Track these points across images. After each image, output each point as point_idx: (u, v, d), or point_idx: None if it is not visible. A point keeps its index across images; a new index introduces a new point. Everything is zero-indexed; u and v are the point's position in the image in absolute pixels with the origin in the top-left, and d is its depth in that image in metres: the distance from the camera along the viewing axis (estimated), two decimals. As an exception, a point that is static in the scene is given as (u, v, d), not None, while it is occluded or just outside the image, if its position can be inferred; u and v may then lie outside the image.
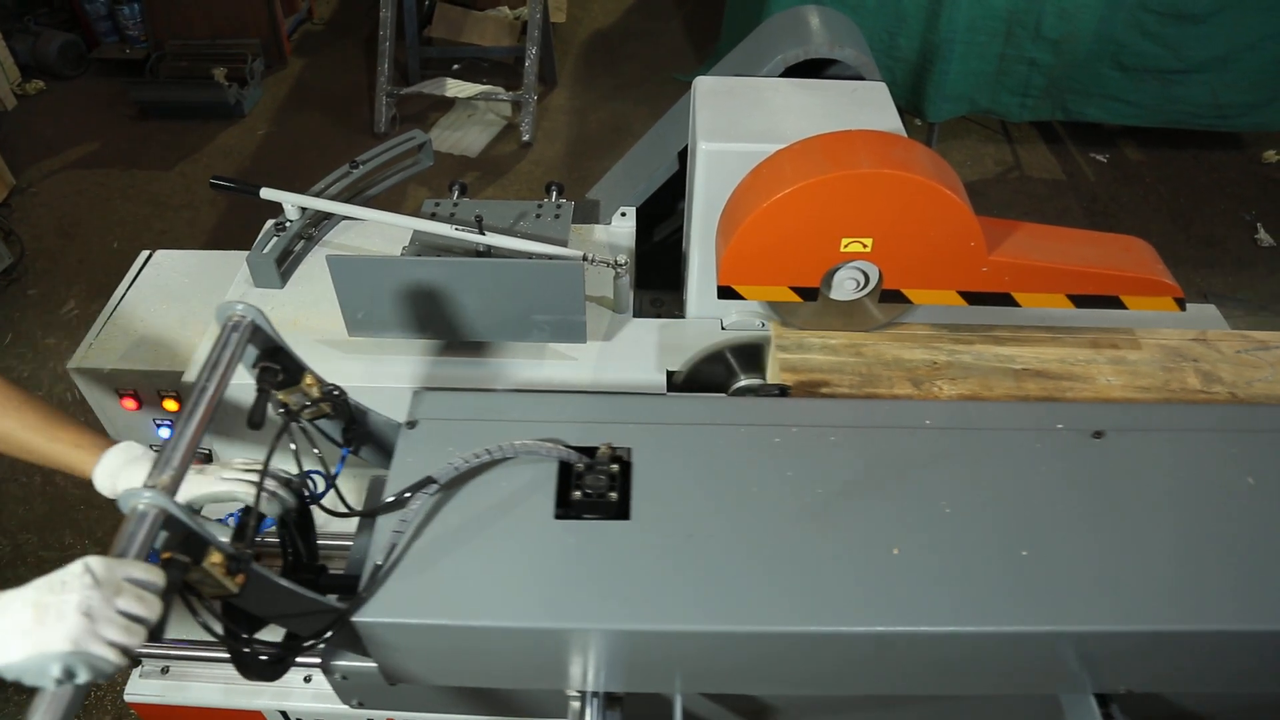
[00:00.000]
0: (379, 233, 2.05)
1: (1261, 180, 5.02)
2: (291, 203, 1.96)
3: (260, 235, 1.97)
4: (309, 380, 1.30)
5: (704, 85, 1.82)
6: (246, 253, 1.94)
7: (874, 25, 4.76)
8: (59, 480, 3.20)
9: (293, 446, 1.26)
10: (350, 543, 1.38)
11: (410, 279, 1.68)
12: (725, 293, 1.63)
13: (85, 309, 4.13)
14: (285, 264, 1.96)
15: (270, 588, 1.12)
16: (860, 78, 1.92)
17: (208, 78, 5.53)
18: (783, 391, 1.56)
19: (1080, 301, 1.64)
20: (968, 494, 1.29)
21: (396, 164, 2.23)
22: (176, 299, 1.99)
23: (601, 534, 1.23)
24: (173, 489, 1.06)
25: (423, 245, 1.85)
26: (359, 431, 1.43)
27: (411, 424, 1.39)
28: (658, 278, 2.22)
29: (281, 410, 1.29)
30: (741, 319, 1.85)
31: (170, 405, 1.87)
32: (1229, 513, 1.28)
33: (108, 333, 1.92)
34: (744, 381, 1.82)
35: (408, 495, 1.26)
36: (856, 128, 1.57)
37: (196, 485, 1.28)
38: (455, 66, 6.07)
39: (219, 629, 1.11)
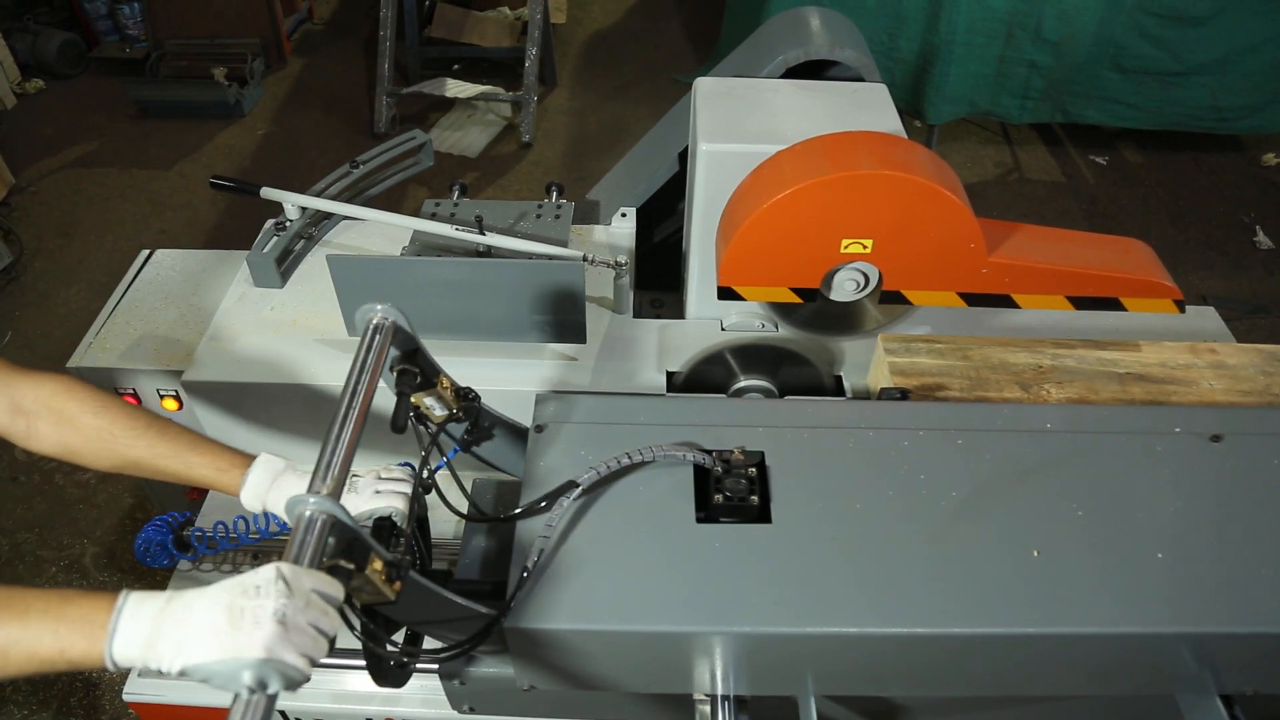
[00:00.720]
0: (379, 233, 2.05)
1: (1260, 183, 5.03)
2: (291, 202, 1.96)
3: (260, 235, 1.97)
4: (444, 383, 1.30)
5: (704, 86, 1.82)
6: (246, 252, 1.94)
7: (874, 27, 4.76)
8: (58, 479, 3.20)
9: (424, 454, 1.26)
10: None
11: (410, 279, 1.68)
12: (725, 293, 1.63)
13: (85, 308, 4.13)
14: (285, 263, 1.96)
15: (425, 594, 1.11)
16: (860, 79, 1.93)
17: (208, 77, 5.53)
18: (904, 395, 1.56)
19: (1079, 303, 1.64)
20: (1096, 497, 1.30)
21: (396, 164, 2.23)
22: (176, 298, 1.99)
23: (744, 537, 1.23)
24: (336, 495, 1.06)
25: (423, 245, 1.85)
26: (480, 434, 1.42)
27: (540, 428, 1.39)
28: (658, 278, 2.22)
29: (417, 419, 1.28)
30: (741, 320, 1.85)
31: (170, 404, 1.87)
32: None
33: (107, 331, 1.92)
34: (744, 382, 1.82)
35: (550, 500, 1.25)
36: (857, 129, 1.58)
37: (353, 502, 1.26)
38: (455, 67, 6.07)
39: (361, 635, 1.10)
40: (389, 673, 1.19)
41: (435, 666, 1.32)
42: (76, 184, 4.98)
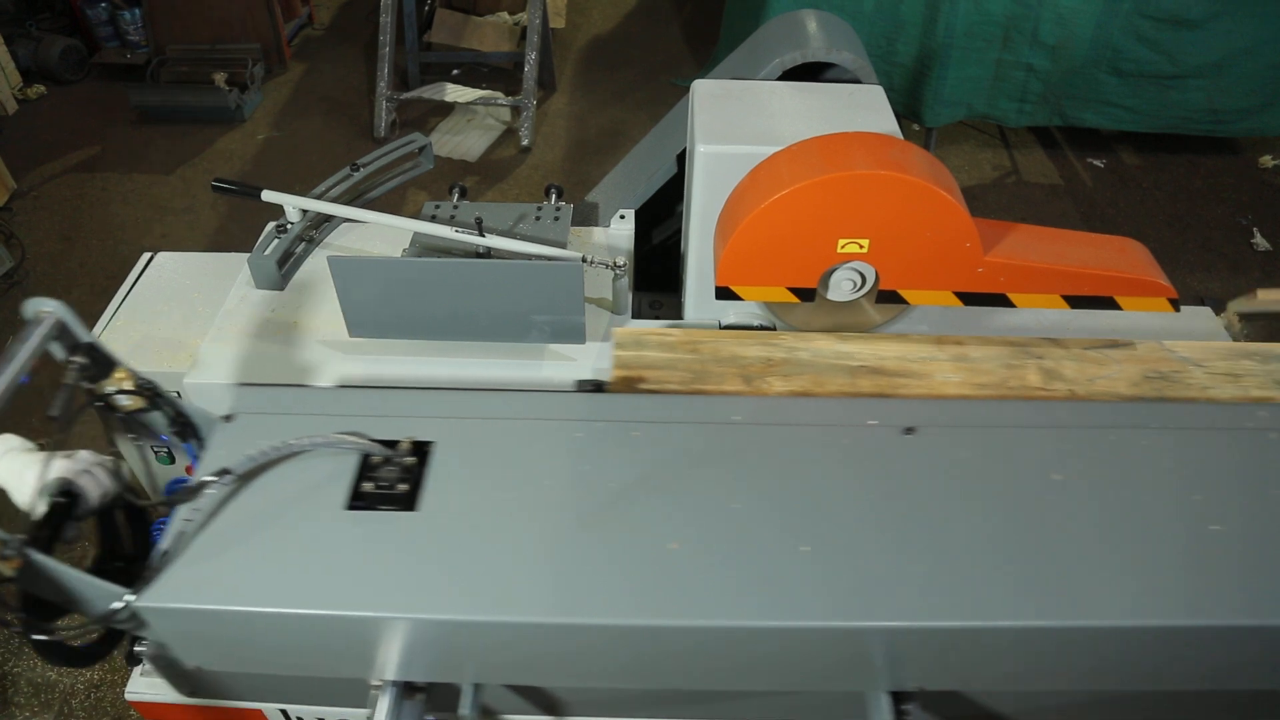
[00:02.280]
0: (379, 235, 2.07)
1: (1258, 185, 5.04)
2: (292, 205, 1.97)
3: (261, 237, 1.98)
4: (121, 374, 1.33)
5: (702, 88, 1.84)
6: (248, 255, 1.95)
7: (872, 31, 4.78)
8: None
9: (110, 440, 1.29)
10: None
11: (411, 280, 1.69)
12: (723, 294, 1.64)
13: (87, 311, 4.13)
14: (286, 266, 1.97)
15: (45, 572, 1.13)
16: (857, 81, 1.94)
17: (208, 82, 5.55)
18: (597, 387, 1.56)
19: (1075, 302, 1.66)
20: (759, 489, 1.29)
21: (396, 167, 2.24)
22: (178, 300, 2.01)
23: (388, 524, 1.25)
24: None
25: (423, 247, 1.86)
26: (188, 426, 1.44)
27: (228, 418, 1.41)
28: (657, 280, 2.23)
29: (95, 401, 1.32)
30: (739, 320, 1.86)
31: (172, 406, 1.88)
32: (1027, 509, 1.27)
33: (109, 334, 1.93)
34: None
35: (202, 486, 1.27)
36: (853, 130, 1.59)
37: (28, 477, 1.25)
38: (455, 71, 6.09)
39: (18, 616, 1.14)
40: (57, 651, 1.21)
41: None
42: (78, 189, 4.99)
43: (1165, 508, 1.28)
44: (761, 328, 1.83)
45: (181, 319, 1.95)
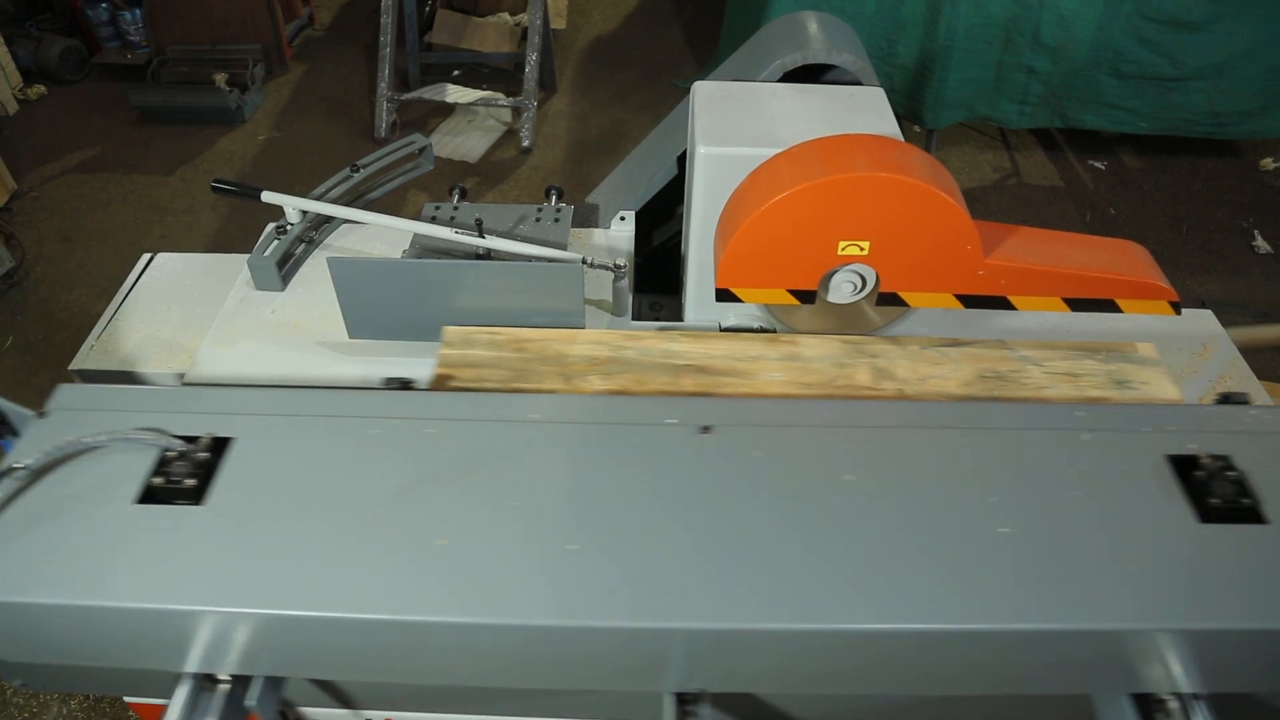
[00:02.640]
0: (379, 236, 2.06)
1: (1259, 187, 5.04)
2: (292, 206, 1.97)
3: (261, 238, 1.98)
4: None
5: (703, 90, 1.84)
6: (247, 255, 1.95)
7: (873, 32, 4.78)
8: None
9: None
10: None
11: (411, 281, 1.69)
12: (723, 295, 1.64)
13: (86, 312, 4.14)
14: (286, 267, 1.97)
15: None
16: (858, 83, 1.94)
17: (209, 83, 5.55)
18: (405, 385, 1.56)
19: (1076, 305, 1.65)
20: (540, 487, 1.28)
21: (397, 168, 2.24)
22: (178, 301, 2.01)
23: (174, 519, 1.25)
24: None
25: (423, 248, 1.86)
26: (3, 423, 1.42)
27: (42, 414, 1.40)
28: (657, 281, 2.23)
29: None
30: (740, 322, 1.86)
31: (171, 407, 1.87)
32: (808, 510, 1.25)
33: (109, 335, 1.93)
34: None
35: None
36: (854, 132, 1.59)
37: None
38: (456, 72, 6.09)
39: None
40: None
41: None
42: (78, 189, 5.00)
43: (955, 509, 1.25)
44: (762, 330, 1.83)
45: (181, 320, 1.95)
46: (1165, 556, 1.20)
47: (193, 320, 1.95)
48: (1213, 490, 1.27)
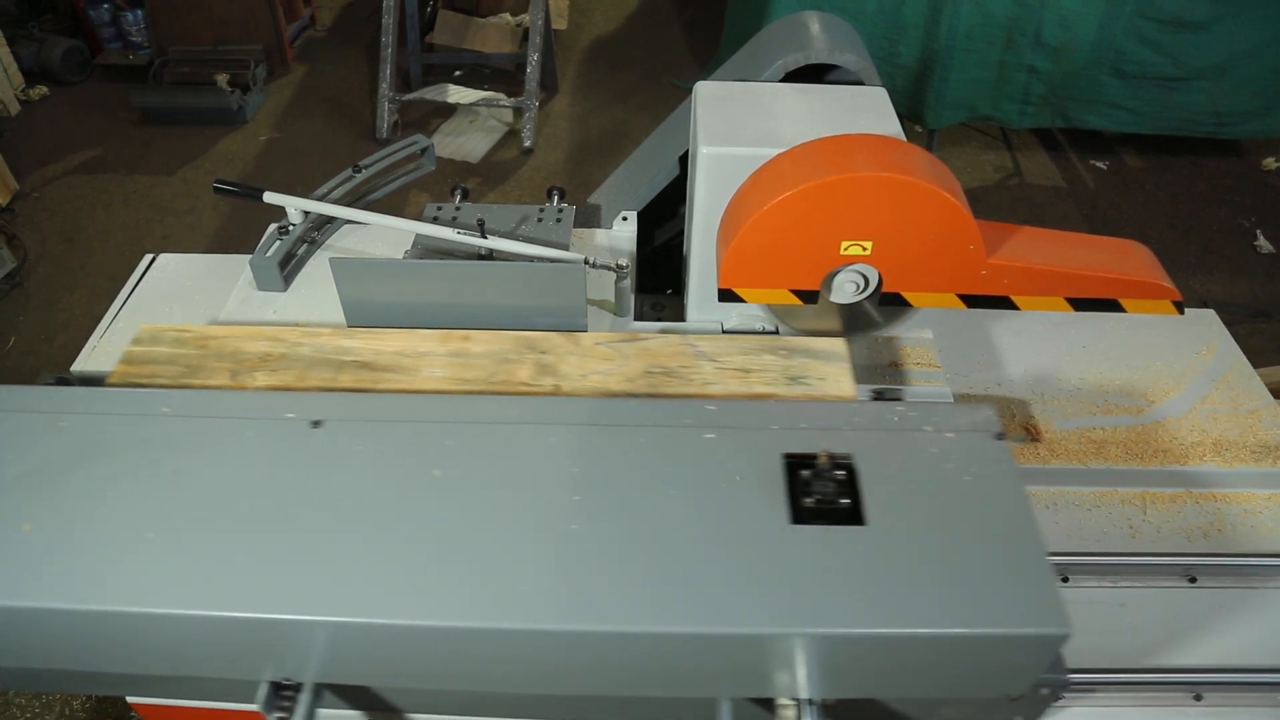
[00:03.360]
0: (381, 237, 2.06)
1: (1260, 187, 5.04)
2: (294, 206, 1.97)
3: (263, 239, 1.98)
4: None
5: (705, 90, 1.83)
6: (249, 256, 1.95)
7: (874, 32, 4.78)
8: None
9: None
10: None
11: (413, 281, 1.69)
12: (726, 296, 1.64)
13: (88, 313, 4.14)
14: (288, 267, 1.97)
15: None
16: (860, 83, 1.94)
17: (210, 83, 5.56)
18: (61, 380, 1.57)
19: (1079, 304, 1.65)
20: (128, 479, 1.30)
21: (399, 169, 2.24)
22: (180, 302, 2.01)
23: None
24: None
25: (425, 249, 1.86)
26: None
27: None
28: (659, 282, 2.23)
29: None
30: (742, 322, 1.85)
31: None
32: (393, 505, 1.26)
33: (111, 335, 1.93)
34: None
35: None
36: (856, 132, 1.59)
37: None
38: (457, 73, 6.10)
39: None
40: None
41: None
42: (80, 190, 5.00)
43: (531, 506, 1.26)
44: (764, 330, 1.83)
45: (183, 320, 1.95)
46: (748, 558, 1.18)
47: (194, 321, 1.95)
48: (812, 490, 1.25)
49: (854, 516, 1.23)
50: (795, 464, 1.30)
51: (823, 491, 1.25)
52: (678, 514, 1.23)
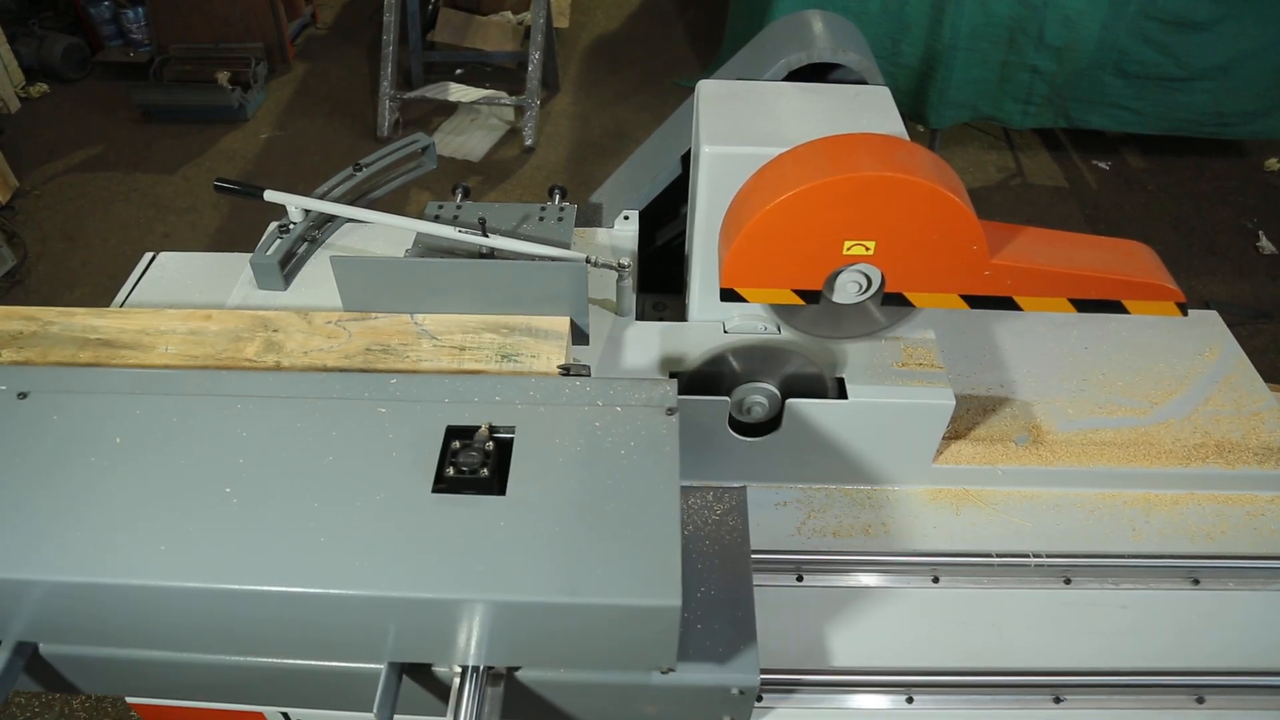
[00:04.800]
0: (382, 235, 2.06)
1: (1263, 188, 5.03)
2: (295, 205, 1.96)
3: (264, 237, 1.98)
4: None
5: (707, 89, 1.83)
6: (250, 255, 1.95)
7: (877, 32, 4.78)
8: None
9: None
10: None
11: (414, 280, 1.69)
12: (728, 295, 1.63)
13: (88, 311, 4.14)
14: (289, 266, 1.96)
15: None
16: (863, 82, 1.93)
17: (211, 81, 5.55)
18: None
19: (1082, 305, 1.64)
20: None
21: (400, 167, 2.24)
22: (181, 300, 2.00)
23: None
24: None
25: (426, 248, 1.85)
26: None
27: None
28: (660, 281, 2.22)
29: None
30: (744, 322, 1.85)
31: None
32: (68, 467, 1.31)
33: (111, 333, 1.92)
34: (746, 384, 1.83)
35: None
36: (859, 131, 1.58)
37: None
38: (458, 71, 6.09)
39: None
40: None
41: None
42: (80, 188, 5.00)
43: (195, 470, 1.30)
44: (766, 330, 1.82)
45: (183, 319, 1.95)
46: (384, 524, 1.23)
47: (195, 319, 1.95)
48: (459, 461, 1.29)
49: (494, 487, 1.27)
50: (455, 435, 1.34)
51: (468, 463, 1.28)
52: (328, 480, 1.29)
